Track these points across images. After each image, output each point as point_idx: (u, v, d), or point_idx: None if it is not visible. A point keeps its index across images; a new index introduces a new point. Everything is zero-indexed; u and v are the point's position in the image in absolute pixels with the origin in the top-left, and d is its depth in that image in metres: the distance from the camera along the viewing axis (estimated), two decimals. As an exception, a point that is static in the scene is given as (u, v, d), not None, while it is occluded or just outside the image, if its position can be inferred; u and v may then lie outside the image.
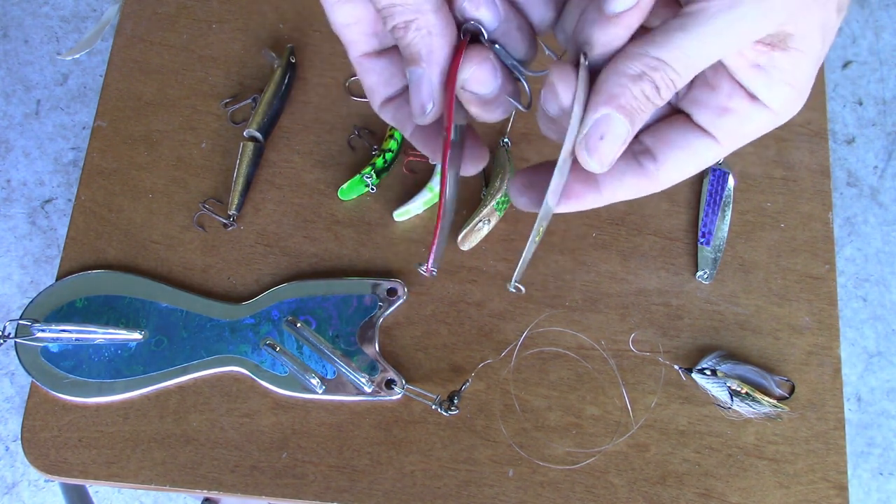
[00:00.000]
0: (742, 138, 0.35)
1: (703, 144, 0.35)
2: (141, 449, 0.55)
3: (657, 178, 0.35)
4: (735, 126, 0.34)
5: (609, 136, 0.32)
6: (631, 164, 0.35)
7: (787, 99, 0.33)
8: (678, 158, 0.35)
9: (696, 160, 0.35)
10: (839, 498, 0.56)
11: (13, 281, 1.39)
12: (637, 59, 0.31)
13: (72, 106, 1.47)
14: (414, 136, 0.39)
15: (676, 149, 0.35)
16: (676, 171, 0.35)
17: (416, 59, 0.34)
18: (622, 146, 0.32)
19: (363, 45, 0.36)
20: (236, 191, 0.61)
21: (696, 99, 0.35)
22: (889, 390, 1.39)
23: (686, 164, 0.35)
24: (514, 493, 0.55)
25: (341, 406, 0.57)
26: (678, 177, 0.36)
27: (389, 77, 0.37)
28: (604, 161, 0.33)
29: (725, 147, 0.35)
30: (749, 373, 0.58)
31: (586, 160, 0.33)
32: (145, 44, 0.66)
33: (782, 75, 0.32)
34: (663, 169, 0.35)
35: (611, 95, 0.31)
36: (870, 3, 1.61)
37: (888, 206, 1.48)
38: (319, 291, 0.59)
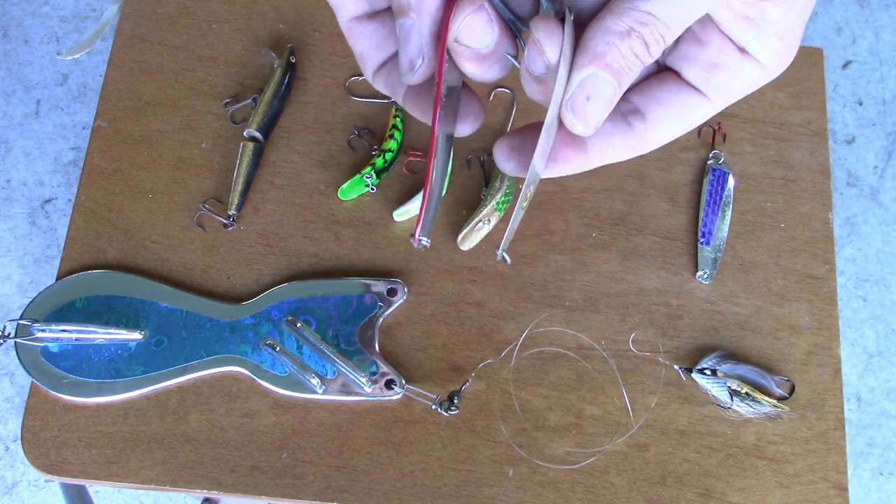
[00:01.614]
0: (732, 94, 0.34)
1: (694, 101, 0.34)
2: (141, 449, 0.55)
3: (646, 137, 0.34)
4: (725, 81, 0.33)
5: (595, 97, 0.30)
6: (619, 124, 0.34)
7: (776, 51, 0.32)
8: (668, 117, 0.34)
9: (687, 118, 0.34)
10: (839, 498, 0.56)
11: (13, 281, 1.39)
12: (624, 13, 0.29)
13: (72, 106, 1.47)
14: (406, 99, 0.36)
15: (666, 107, 0.34)
16: (666, 130, 0.34)
17: (405, 10, 0.31)
18: (609, 107, 0.31)
19: (352, 8, 0.34)
20: (236, 191, 0.61)
21: (684, 55, 0.33)
22: (889, 390, 1.39)
23: (676, 123, 0.34)
24: (514, 493, 0.55)
25: (341, 406, 0.57)
26: (668, 136, 0.34)
27: (381, 41, 0.35)
28: (590, 123, 0.31)
29: (716, 104, 0.34)
30: (749, 373, 0.58)
31: (572, 122, 0.31)
32: (145, 44, 0.66)
33: (771, 27, 0.31)
34: (652, 128, 0.34)
35: (597, 54, 0.29)
36: (870, 3, 1.61)
37: (888, 206, 1.48)
38: (319, 291, 0.59)
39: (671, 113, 0.34)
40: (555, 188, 0.63)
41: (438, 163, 0.34)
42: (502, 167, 0.36)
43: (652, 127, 0.34)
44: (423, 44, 0.32)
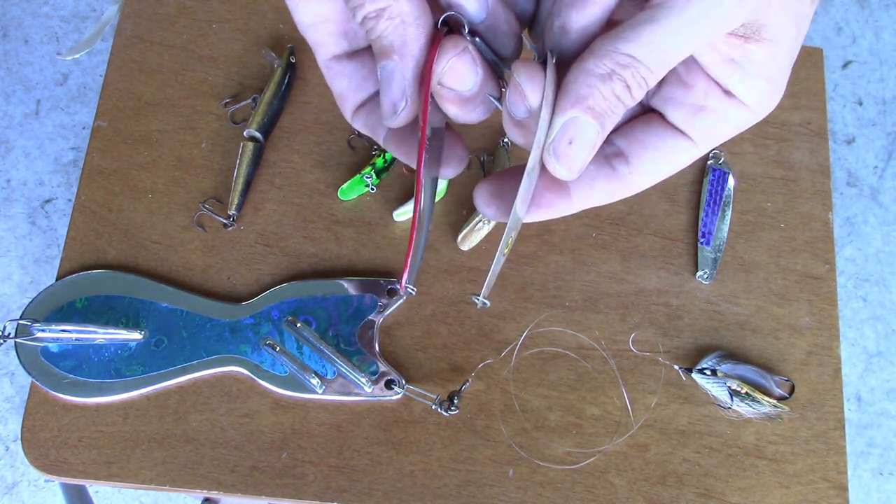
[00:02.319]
0: (718, 137, 0.33)
1: (679, 145, 0.33)
2: (141, 449, 0.55)
3: (630, 181, 0.33)
4: (711, 124, 0.32)
5: (578, 141, 0.30)
6: (602, 167, 0.33)
7: (763, 93, 0.32)
8: (652, 160, 0.33)
9: (671, 161, 0.33)
10: (839, 498, 0.56)
11: (13, 281, 1.39)
12: (606, 56, 0.29)
13: (72, 106, 1.47)
14: (388, 140, 0.35)
15: (650, 150, 0.33)
16: (650, 173, 0.33)
17: (388, 52, 0.31)
18: (592, 151, 0.30)
19: (332, 47, 0.34)
20: (236, 191, 0.61)
21: (669, 97, 0.33)
22: (889, 390, 1.39)
23: (660, 166, 0.33)
24: (514, 493, 0.55)
25: (341, 406, 0.57)
26: (652, 180, 0.34)
27: (361, 81, 0.34)
28: (573, 167, 0.30)
29: (701, 147, 0.33)
30: (749, 373, 0.58)
31: (555, 167, 0.30)
32: (145, 44, 0.66)
33: (757, 69, 0.31)
34: (636, 172, 0.33)
35: (579, 97, 0.29)
36: (870, 3, 1.61)
37: (888, 206, 1.48)
38: (319, 291, 0.59)
39: (655, 156, 0.33)
40: (555, 188, 0.63)
41: (425, 207, 0.33)
42: (483, 212, 0.35)
43: (636, 170, 0.33)
44: (406, 87, 0.31)
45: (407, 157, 0.36)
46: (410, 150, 0.35)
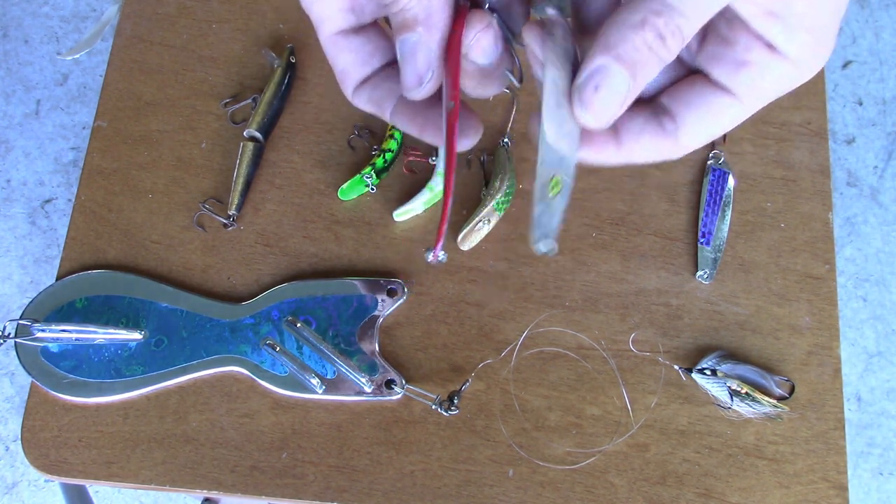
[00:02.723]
0: (763, 93, 0.32)
1: (723, 103, 0.32)
2: (141, 449, 0.55)
3: (677, 139, 0.33)
4: (755, 80, 0.31)
5: (605, 89, 0.29)
6: (650, 122, 0.33)
7: (806, 46, 0.30)
8: (698, 119, 0.33)
9: (717, 120, 0.33)
10: (839, 498, 0.56)
11: (13, 281, 1.39)
12: (639, 4, 0.28)
13: (72, 106, 1.47)
14: (396, 115, 0.35)
15: (695, 108, 0.33)
16: (697, 132, 0.33)
17: (412, 25, 0.31)
18: (621, 102, 0.30)
19: (338, 22, 0.33)
20: (236, 191, 0.61)
21: (712, 55, 0.32)
22: (889, 390, 1.39)
23: (707, 125, 0.33)
24: (514, 493, 0.55)
25: (341, 406, 0.57)
26: (700, 139, 0.33)
27: (367, 56, 0.34)
28: (598, 115, 0.30)
29: (746, 104, 0.32)
30: (749, 373, 0.58)
31: (579, 113, 0.30)
32: (145, 44, 0.66)
33: (800, 20, 0.30)
34: (683, 130, 0.33)
35: (608, 45, 0.29)
36: (870, 3, 1.61)
37: (888, 206, 1.48)
38: (319, 291, 0.59)
39: (701, 115, 0.33)
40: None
41: None
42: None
43: (682, 129, 0.33)
44: (432, 59, 0.32)
45: (421, 131, 0.35)
46: (424, 122, 0.35)
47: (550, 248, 0.35)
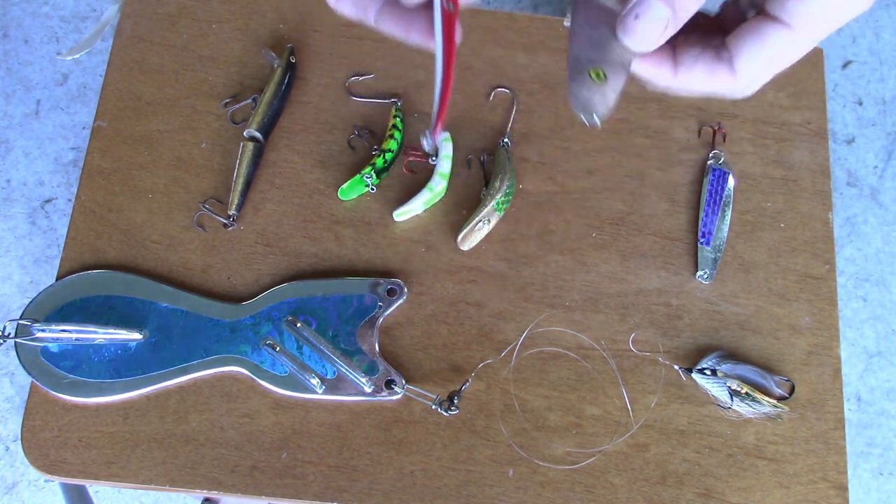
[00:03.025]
0: (815, 19, 0.33)
1: (776, 31, 0.34)
2: (141, 449, 0.55)
3: (734, 68, 0.35)
4: (806, 4, 0.33)
5: (644, 17, 0.32)
6: (707, 51, 0.35)
7: None
8: (752, 48, 0.34)
9: (771, 49, 0.34)
10: (839, 498, 0.56)
11: (13, 281, 1.39)
12: None
13: (72, 106, 1.47)
14: (381, 18, 0.36)
15: (749, 39, 0.34)
16: (752, 62, 0.35)
17: None
18: (662, 31, 0.32)
19: None
20: (236, 191, 0.61)
21: None
22: (889, 390, 1.39)
23: (761, 55, 0.34)
24: (514, 493, 0.55)
25: (341, 406, 0.57)
26: (756, 69, 0.35)
27: None
28: (637, 42, 0.32)
29: (799, 32, 0.34)
30: (749, 373, 0.58)
31: (622, 37, 0.33)
32: (145, 44, 0.66)
33: None
34: (738, 60, 0.34)
35: None
36: (870, 3, 1.61)
37: (888, 206, 1.48)
38: (319, 291, 0.59)
39: (755, 44, 0.34)
40: (555, 188, 0.63)
41: None
42: None
43: (737, 58, 0.35)
44: None
45: (406, 33, 0.37)
46: (409, 25, 0.37)
47: (598, 120, 0.40)
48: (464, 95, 0.65)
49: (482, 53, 0.66)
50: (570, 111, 0.65)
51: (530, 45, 0.66)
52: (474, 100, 0.65)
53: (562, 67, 0.66)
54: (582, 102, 0.40)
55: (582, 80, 0.39)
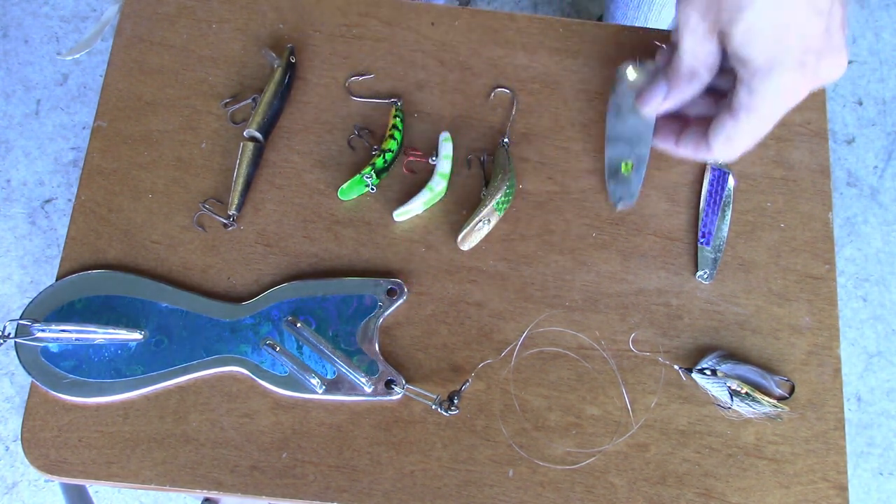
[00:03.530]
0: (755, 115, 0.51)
1: (730, 122, 0.52)
2: (141, 449, 0.55)
3: (710, 147, 0.55)
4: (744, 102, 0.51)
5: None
6: (697, 134, 0.57)
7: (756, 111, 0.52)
8: (716, 134, 0.54)
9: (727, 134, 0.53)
10: (839, 498, 0.56)
11: (13, 281, 1.39)
12: None
13: (72, 106, 1.47)
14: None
15: (715, 127, 0.54)
16: (717, 143, 0.54)
17: None
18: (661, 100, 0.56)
19: None
20: (236, 191, 0.61)
21: None
22: (889, 390, 1.39)
23: (720, 138, 0.54)
24: (514, 493, 0.55)
25: (341, 406, 0.57)
26: (722, 148, 0.54)
27: None
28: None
29: (743, 124, 0.52)
30: (749, 373, 0.58)
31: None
32: (145, 44, 0.66)
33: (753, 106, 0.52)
34: (711, 141, 0.55)
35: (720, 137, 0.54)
36: (869, 4, 1.61)
37: (888, 206, 1.48)
38: (319, 291, 0.59)
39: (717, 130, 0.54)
40: (555, 188, 0.63)
41: None
42: None
43: (711, 140, 0.54)
44: None
45: None
46: None
47: (628, 206, 0.62)
48: (464, 95, 0.65)
49: (482, 53, 0.66)
50: (570, 111, 0.65)
51: (530, 45, 0.66)
52: (474, 100, 0.65)
53: (562, 67, 0.66)
54: (617, 194, 0.61)
55: (616, 178, 0.61)
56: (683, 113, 0.58)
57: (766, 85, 0.49)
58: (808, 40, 0.47)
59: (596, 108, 0.65)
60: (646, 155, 0.60)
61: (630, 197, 0.60)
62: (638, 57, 0.61)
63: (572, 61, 0.66)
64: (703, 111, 0.57)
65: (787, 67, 0.48)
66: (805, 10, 0.47)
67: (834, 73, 0.49)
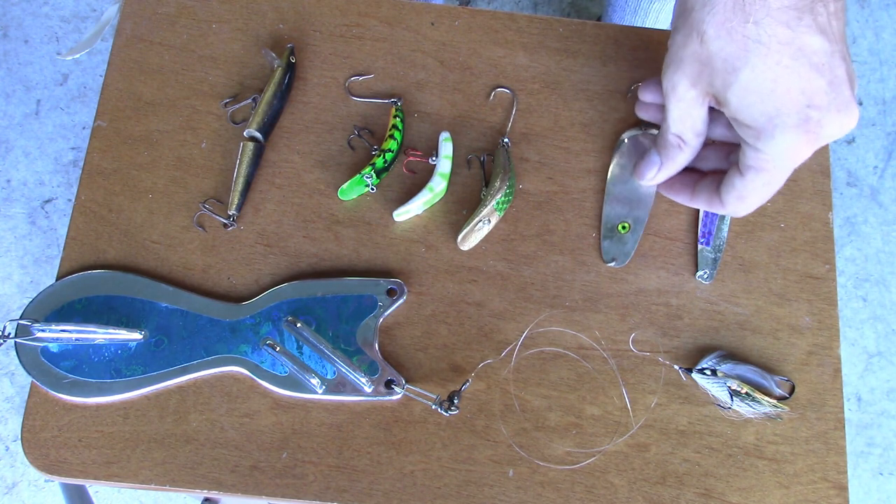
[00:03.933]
0: (761, 173, 0.51)
1: (738, 180, 0.52)
2: (141, 449, 0.55)
3: (722, 203, 0.55)
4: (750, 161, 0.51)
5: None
6: (711, 188, 0.56)
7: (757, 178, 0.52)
8: (727, 190, 0.54)
9: (738, 191, 0.53)
10: (839, 498, 0.56)
11: (13, 281, 1.39)
12: None
13: (72, 106, 1.47)
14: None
15: (725, 183, 0.54)
16: (729, 198, 0.54)
17: None
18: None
19: None
20: (236, 191, 0.61)
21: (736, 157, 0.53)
22: (889, 390, 1.39)
23: (732, 194, 0.53)
24: (514, 493, 0.55)
25: (341, 406, 0.57)
26: (734, 205, 0.54)
27: None
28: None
29: (750, 182, 0.52)
30: (749, 373, 0.58)
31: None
32: (145, 44, 0.66)
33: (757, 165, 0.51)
34: (723, 196, 0.54)
35: None
36: (870, 4, 1.61)
37: (888, 206, 1.48)
38: (319, 291, 0.59)
39: (727, 187, 0.53)
40: (555, 188, 0.63)
41: None
42: None
43: (723, 195, 0.54)
44: None
45: None
46: None
47: (619, 264, 0.61)
48: (464, 95, 0.65)
49: (482, 53, 0.66)
50: (569, 111, 0.65)
51: (530, 45, 0.67)
52: (474, 100, 0.65)
53: (562, 67, 0.66)
54: (611, 253, 0.60)
55: (612, 237, 0.61)
56: (696, 167, 0.57)
57: (771, 145, 0.48)
58: (811, 96, 0.46)
59: (596, 108, 0.65)
60: (644, 218, 0.61)
61: (624, 257, 0.60)
62: (643, 125, 0.63)
63: (572, 61, 0.66)
64: (714, 165, 0.56)
65: (790, 125, 0.46)
66: (802, 65, 0.45)
67: (842, 129, 0.47)
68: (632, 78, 0.65)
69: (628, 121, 0.65)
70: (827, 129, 0.47)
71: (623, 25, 0.67)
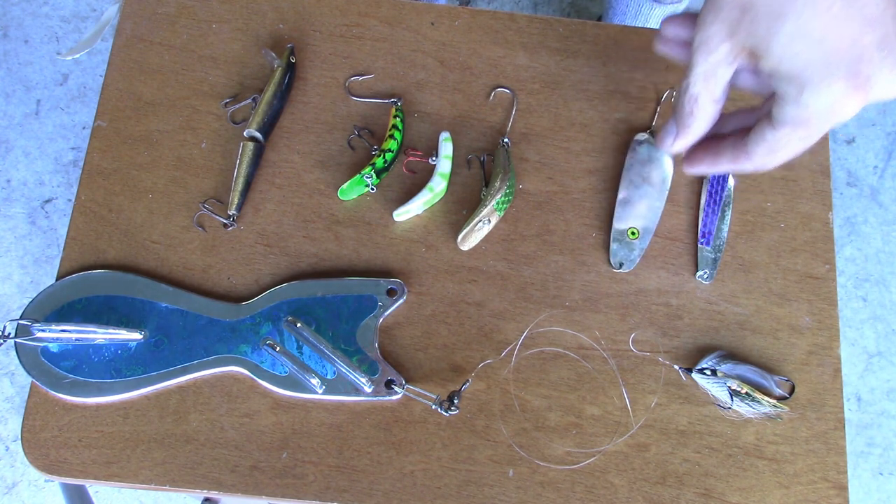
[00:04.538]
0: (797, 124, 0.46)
1: (771, 132, 0.48)
2: (141, 449, 0.55)
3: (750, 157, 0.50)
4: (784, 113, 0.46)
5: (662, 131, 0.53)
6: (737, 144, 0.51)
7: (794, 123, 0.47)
8: (757, 143, 0.49)
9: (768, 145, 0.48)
10: (839, 498, 0.56)
11: (13, 281, 1.39)
12: None
13: (72, 106, 1.47)
14: None
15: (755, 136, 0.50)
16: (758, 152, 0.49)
17: None
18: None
19: None
20: (236, 191, 0.61)
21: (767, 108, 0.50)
22: (889, 390, 1.39)
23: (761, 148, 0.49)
24: (514, 493, 0.55)
25: (341, 406, 0.57)
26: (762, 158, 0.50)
27: None
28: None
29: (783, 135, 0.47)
30: (749, 373, 0.58)
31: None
32: (145, 44, 0.66)
33: None
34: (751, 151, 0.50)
35: None
36: (870, 3, 1.61)
37: (888, 206, 1.48)
38: (319, 291, 0.59)
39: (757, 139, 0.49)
40: (555, 188, 0.63)
41: None
42: None
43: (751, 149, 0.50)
44: None
45: None
46: None
47: (625, 268, 0.61)
48: (464, 95, 0.65)
49: (482, 53, 0.66)
50: (569, 111, 0.65)
51: (530, 45, 0.66)
52: (474, 100, 0.65)
53: (562, 67, 0.66)
54: (619, 257, 0.60)
55: (620, 241, 0.61)
56: (718, 133, 0.53)
57: (815, 98, 0.43)
58: (862, 49, 0.42)
59: (596, 108, 0.65)
60: (653, 228, 0.61)
61: (631, 263, 0.60)
62: (652, 129, 0.63)
63: (572, 61, 0.66)
64: (738, 125, 0.53)
65: (839, 77, 0.42)
66: (854, 16, 0.42)
67: (891, 90, 0.44)
68: (632, 78, 0.65)
69: (628, 121, 0.65)
70: (877, 86, 0.43)
71: (623, 25, 0.67)
